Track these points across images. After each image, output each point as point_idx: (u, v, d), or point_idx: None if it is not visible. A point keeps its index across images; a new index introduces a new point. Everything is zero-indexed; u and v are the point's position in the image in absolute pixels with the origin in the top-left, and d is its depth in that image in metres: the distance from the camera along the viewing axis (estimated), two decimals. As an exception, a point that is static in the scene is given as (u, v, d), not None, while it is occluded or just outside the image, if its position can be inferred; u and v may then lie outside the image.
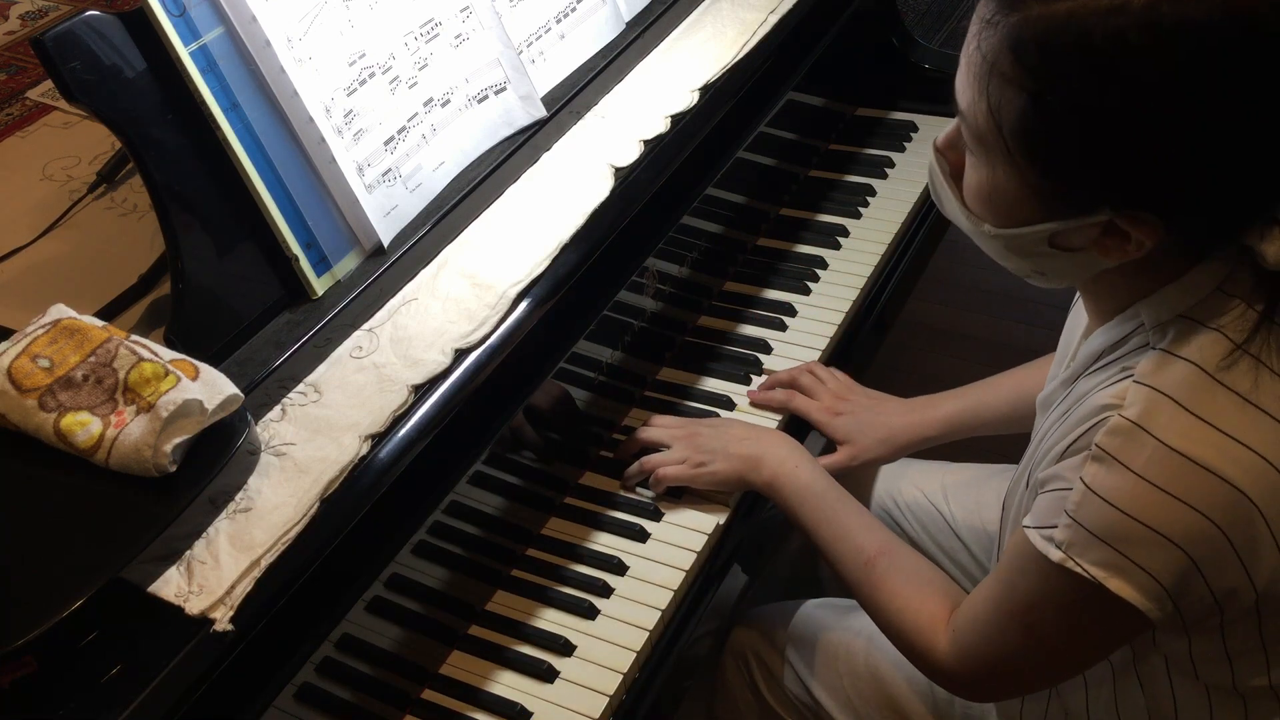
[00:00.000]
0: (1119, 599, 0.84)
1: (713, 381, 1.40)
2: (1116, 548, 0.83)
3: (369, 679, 1.08)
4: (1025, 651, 0.96)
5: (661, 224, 1.33)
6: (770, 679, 1.32)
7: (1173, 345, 0.84)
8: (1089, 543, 0.84)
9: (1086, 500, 0.84)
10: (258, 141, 1.05)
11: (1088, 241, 0.85)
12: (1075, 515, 0.85)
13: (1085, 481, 0.85)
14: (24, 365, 0.89)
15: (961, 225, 0.94)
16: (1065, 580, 0.87)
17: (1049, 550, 0.87)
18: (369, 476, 0.94)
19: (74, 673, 0.81)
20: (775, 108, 1.53)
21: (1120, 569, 0.84)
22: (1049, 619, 0.92)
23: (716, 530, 1.23)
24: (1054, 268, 0.90)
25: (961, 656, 1.02)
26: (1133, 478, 0.82)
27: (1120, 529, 0.83)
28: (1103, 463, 0.84)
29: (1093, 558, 0.84)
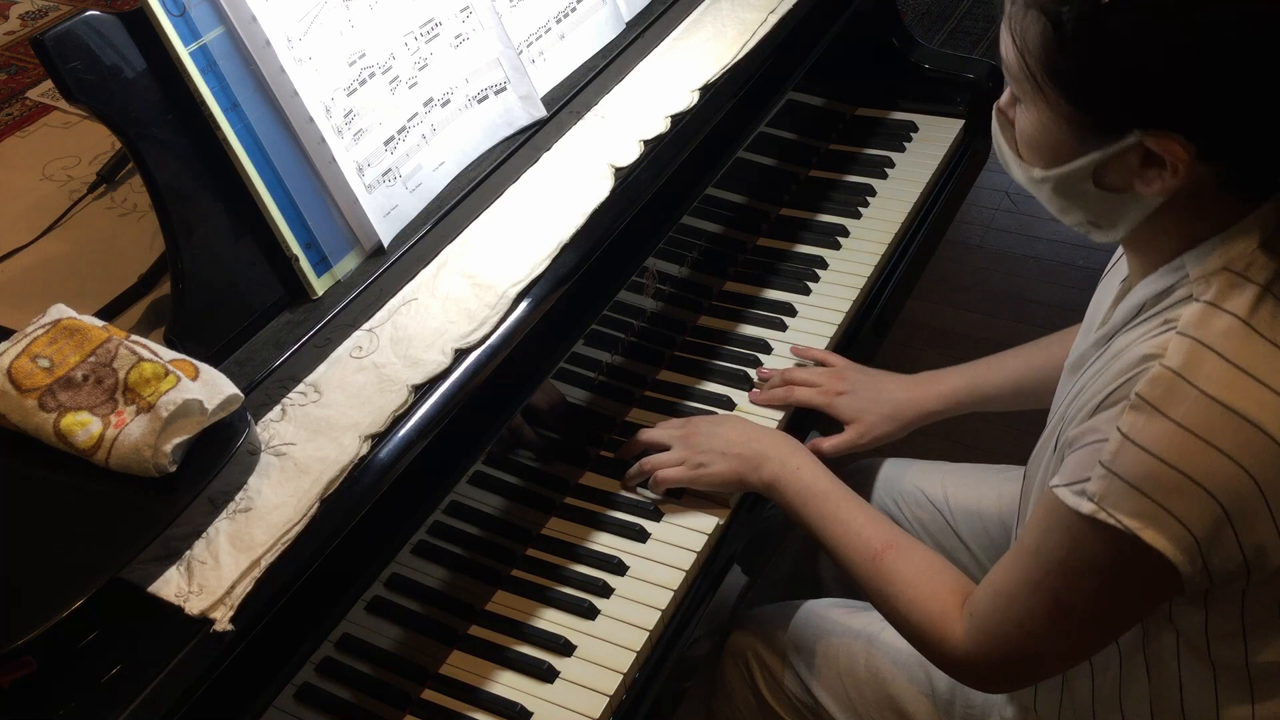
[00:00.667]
0: (1152, 552, 0.84)
1: (713, 382, 1.40)
2: (1152, 497, 0.83)
3: (369, 679, 1.08)
4: (1050, 624, 0.94)
5: (661, 224, 1.33)
6: (770, 679, 1.32)
7: (1216, 298, 0.85)
8: (1124, 493, 0.84)
9: (1124, 450, 0.84)
10: (258, 141, 1.05)
11: (1129, 176, 0.86)
12: (1111, 465, 0.84)
13: (1123, 431, 0.84)
14: (24, 365, 0.89)
15: (1020, 180, 0.95)
16: (1097, 535, 0.86)
17: (1080, 504, 0.86)
18: (369, 476, 0.94)
19: (74, 673, 0.81)
20: (775, 108, 1.53)
21: (1155, 519, 0.83)
22: (1078, 583, 0.90)
23: (716, 530, 1.23)
24: (1105, 212, 0.91)
25: (979, 641, 1.00)
26: (1172, 426, 0.82)
27: (1157, 477, 0.83)
28: (1142, 412, 0.83)
29: (1128, 508, 0.84)
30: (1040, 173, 0.91)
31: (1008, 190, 2.87)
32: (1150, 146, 0.83)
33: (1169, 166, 0.84)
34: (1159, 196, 0.86)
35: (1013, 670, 1.02)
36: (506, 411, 1.15)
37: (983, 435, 2.07)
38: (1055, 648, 0.97)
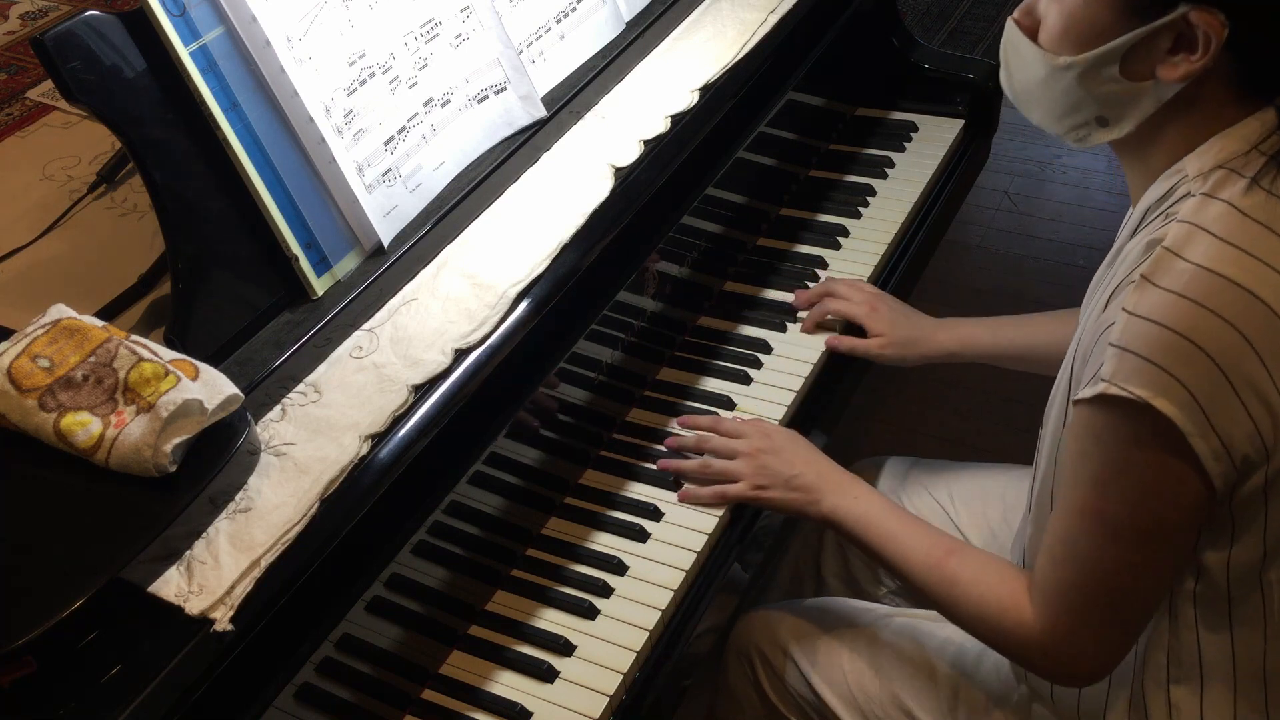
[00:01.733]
0: (1166, 424, 0.87)
1: (713, 381, 1.40)
2: (1158, 362, 0.87)
3: (369, 679, 1.08)
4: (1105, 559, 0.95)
5: (661, 224, 1.34)
6: (774, 677, 1.32)
7: (1211, 190, 0.91)
8: (1133, 365, 0.88)
9: (1128, 325, 0.89)
10: (258, 141, 1.05)
11: (1154, 62, 0.91)
12: (1119, 343, 0.89)
13: (1127, 309, 0.89)
14: (24, 365, 0.89)
15: (1032, 78, 0.99)
16: (1115, 420, 0.90)
17: (1095, 389, 0.89)
18: (369, 476, 0.94)
19: (74, 673, 0.81)
20: (775, 108, 1.53)
21: (1162, 386, 0.86)
22: (1114, 489, 0.93)
23: (716, 530, 1.23)
24: (1119, 103, 0.95)
25: (1053, 610, 1.01)
26: (1170, 295, 0.88)
27: (1160, 342, 0.87)
28: (1143, 288, 0.89)
29: (1137, 379, 0.87)
30: (1068, 59, 0.94)
31: (1008, 190, 2.87)
32: (1194, 20, 0.87)
33: (1200, 46, 0.88)
34: (1178, 83, 0.91)
35: (1089, 635, 1.00)
36: (507, 412, 1.15)
37: (986, 435, 2.07)
38: (1116, 584, 0.97)
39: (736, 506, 1.26)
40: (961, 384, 2.32)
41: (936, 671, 1.22)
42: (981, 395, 2.30)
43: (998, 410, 2.25)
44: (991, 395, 2.31)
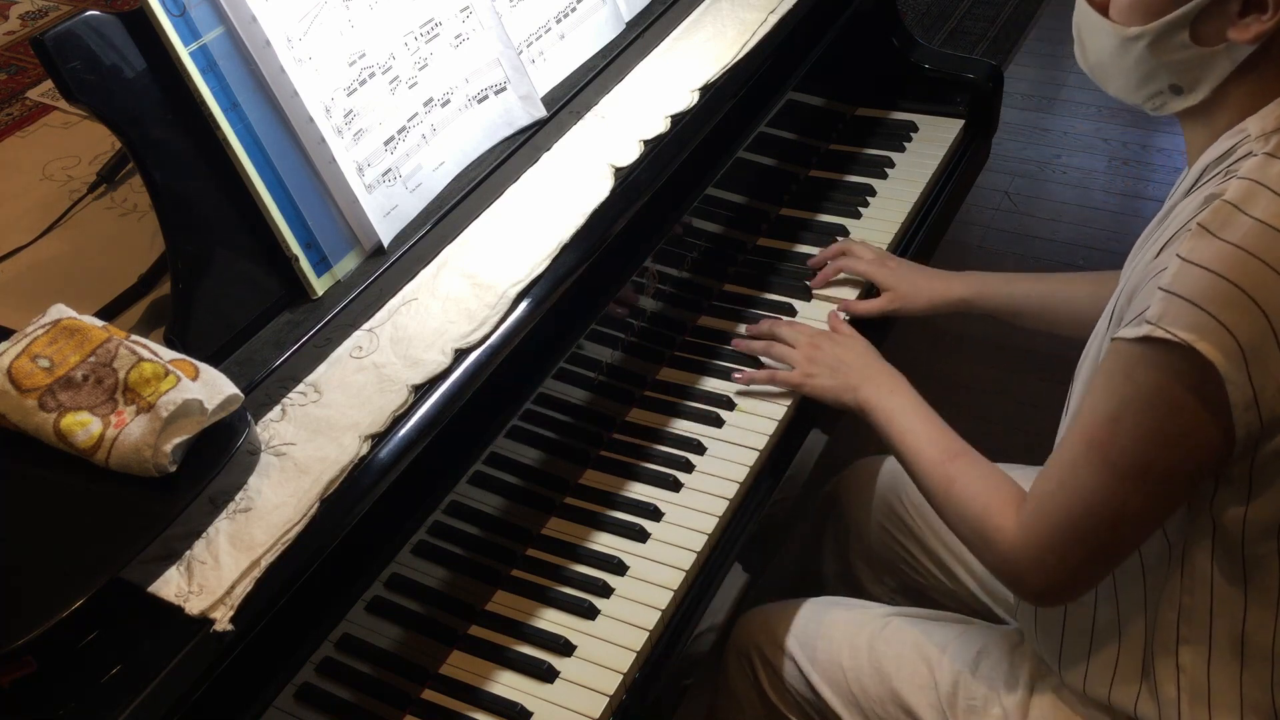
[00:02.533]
0: (1206, 366, 0.87)
1: (713, 381, 1.40)
2: (1206, 308, 0.87)
3: (369, 679, 1.08)
4: (1101, 490, 0.96)
5: (661, 224, 1.34)
6: (774, 676, 1.32)
7: (1275, 149, 0.91)
8: (1181, 309, 0.88)
9: (1182, 271, 0.89)
10: (258, 141, 1.05)
11: (1224, 25, 0.92)
12: (1169, 287, 0.89)
13: (1182, 255, 0.89)
14: (24, 365, 0.89)
15: (1105, 50, 1.01)
16: (1152, 359, 0.90)
17: (1139, 330, 0.90)
18: (369, 476, 0.94)
19: (74, 673, 0.81)
20: (775, 108, 1.53)
21: (1208, 331, 0.87)
22: (1126, 428, 0.94)
23: (716, 529, 1.23)
24: (1191, 70, 0.96)
25: (1034, 527, 1.03)
26: (1228, 246, 0.88)
27: (1212, 290, 0.87)
28: (1200, 237, 0.89)
29: (1184, 322, 0.88)
30: (1138, 29, 0.96)
31: (1008, 190, 2.87)
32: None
33: (1271, 6, 0.89)
34: (1251, 45, 0.92)
35: (1061, 560, 1.02)
36: (507, 412, 1.15)
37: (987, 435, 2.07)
38: (1101, 521, 0.98)
39: (736, 507, 1.26)
40: (964, 384, 2.32)
41: (936, 669, 1.22)
42: (983, 395, 2.31)
43: (1000, 410, 2.25)
44: (993, 395, 2.31)
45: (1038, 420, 1.11)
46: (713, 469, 1.29)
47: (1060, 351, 1.38)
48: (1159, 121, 3.13)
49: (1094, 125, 3.10)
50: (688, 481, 1.28)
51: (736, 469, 1.29)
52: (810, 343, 1.35)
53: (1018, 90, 3.21)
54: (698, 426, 1.34)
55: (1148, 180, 2.92)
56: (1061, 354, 1.34)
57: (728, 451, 1.31)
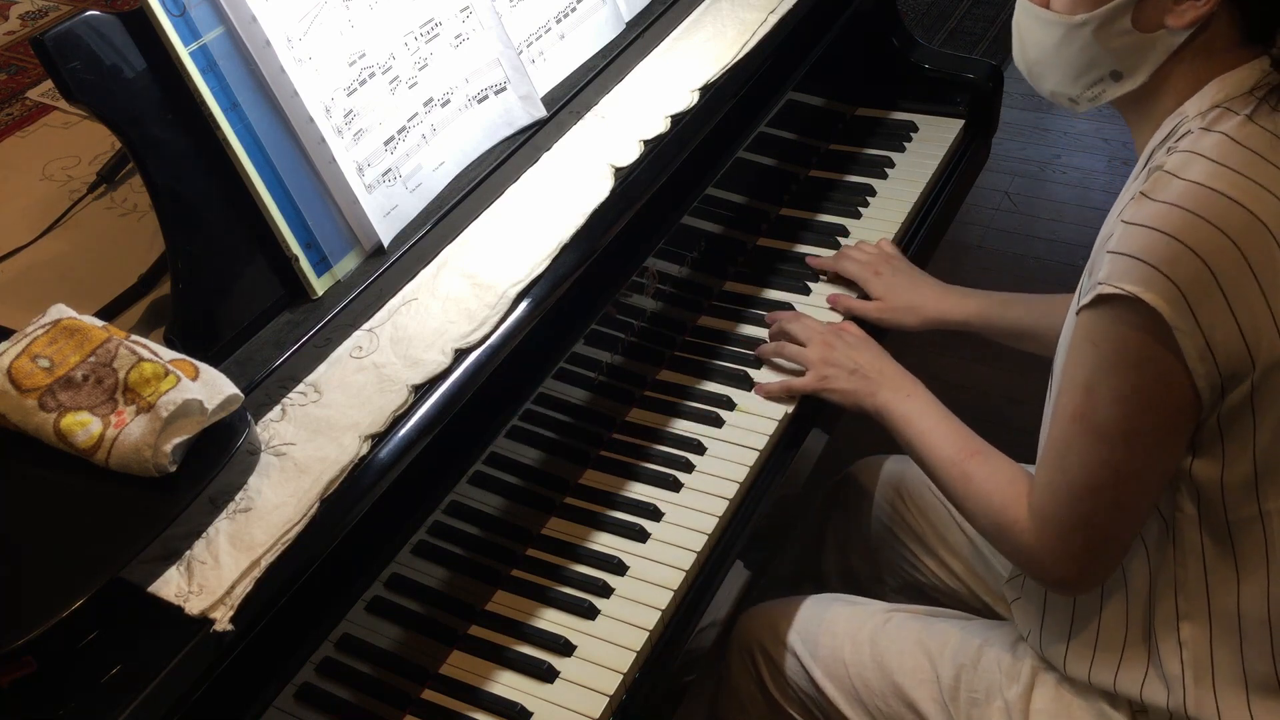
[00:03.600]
0: (1152, 314, 0.91)
1: (713, 381, 1.40)
2: (1146, 260, 0.92)
3: (369, 679, 1.08)
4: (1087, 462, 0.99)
5: (661, 224, 1.33)
6: (776, 673, 1.33)
7: (1210, 125, 0.97)
8: (1125, 265, 0.93)
9: (1124, 233, 0.94)
10: (258, 141, 1.05)
11: (1162, 12, 0.97)
12: (1114, 248, 0.94)
13: (1125, 219, 0.95)
14: (24, 365, 0.89)
15: (1047, 43, 1.05)
16: (1107, 317, 0.94)
17: (1091, 293, 0.94)
18: (369, 476, 0.94)
19: (74, 673, 0.81)
20: (775, 108, 1.53)
21: (1150, 281, 0.91)
22: (1102, 391, 0.97)
23: (717, 529, 1.23)
24: (1131, 56, 1.01)
25: (1044, 513, 1.05)
26: (1165, 205, 0.93)
27: (1152, 244, 0.92)
28: (1140, 202, 0.95)
29: (1128, 276, 0.92)
30: (1083, 16, 1.00)
31: (1008, 190, 2.87)
32: None
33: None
34: (1186, 30, 0.97)
35: (1077, 540, 1.04)
36: (507, 412, 1.15)
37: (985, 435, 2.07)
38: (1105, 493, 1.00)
39: (736, 507, 1.26)
40: (962, 384, 2.32)
41: (938, 664, 1.22)
42: (981, 395, 2.31)
43: (997, 410, 2.25)
44: (991, 395, 2.31)
45: (1037, 420, 1.11)
46: (713, 469, 1.29)
47: (1060, 351, 1.38)
48: (1159, 121, 3.13)
49: (1094, 125, 3.10)
50: (688, 481, 1.28)
51: (736, 469, 1.29)
52: (823, 342, 1.35)
53: (1018, 90, 3.20)
54: (698, 426, 1.34)
55: (1148, 180, 2.92)
56: (1061, 354, 1.34)
57: (728, 451, 1.31)
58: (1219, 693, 1.05)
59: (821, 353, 1.34)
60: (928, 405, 1.24)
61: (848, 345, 1.35)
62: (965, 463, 1.16)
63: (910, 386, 1.28)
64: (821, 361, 1.33)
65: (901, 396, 1.26)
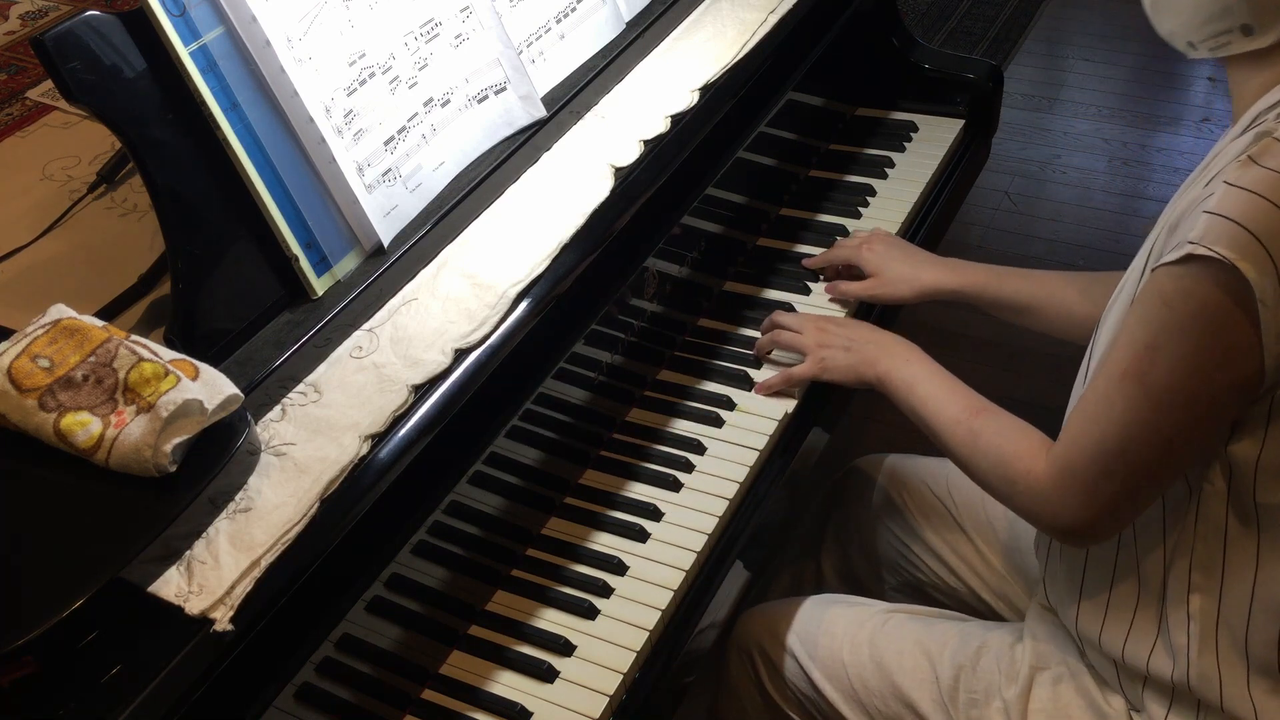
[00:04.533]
0: (1244, 285, 0.87)
1: (713, 381, 1.40)
2: (1251, 229, 0.87)
3: (369, 679, 1.08)
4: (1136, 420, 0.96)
5: (661, 224, 1.33)
6: (775, 674, 1.33)
7: None
8: (1225, 228, 0.88)
9: (1228, 194, 0.89)
10: (258, 141, 1.05)
11: None
12: (1215, 209, 0.89)
13: (1228, 181, 0.89)
14: (24, 365, 0.89)
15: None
16: (1194, 278, 0.90)
17: (1180, 251, 0.89)
18: (369, 476, 0.94)
19: (74, 673, 0.81)
20: (775, 108, 1.53)
21: (1249, 251, 0.87)
22: (1165, 353, 0.93)
23: (716, 529, 1.23)
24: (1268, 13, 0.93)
25: (1066, 462, 1.03)
26: (1275, 174, 0.87)
27: (1254, 210, 0.87)
28: (1248, 166, 0.89)
29: (1227, 240, 0.87)
30: None
31: (1007, 190, 2.87)
32: None
33: None
34: None
35: (1095, 494, 1.02)
36: (507, 412, 1.15)
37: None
38: (1136, 452, 0.97)
39: (736, 507, 1.26)
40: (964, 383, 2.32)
41: (937, 664, 1.22)
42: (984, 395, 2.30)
43: (998, 410, 2.25)
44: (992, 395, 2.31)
45: (1037, 420, 1.11)
46: (713, 469, 1.29)
47: (1061, 351, 1.38)
48: (1159, 121, 3.13)
49: (1094, 125, 3.10)
50: (688, 481, 1.28)
51: (736, 469, 1.29)
52: (817, 327, 1.35)
53: (1018, 90, 3.21)
54: (698, 426, 1.34)
55: (1148, 180, 2.92)
56: (1062, 354, 1.34)
57: (728, 451, 1.31)
58: (1222, 667, 1.04)
59: (817, 337, 1.33)
60: (929, 369, 1.24)
61: (840, 325, 1.35)
62: (972, 420, 1.14)
63: (908, 352, 1.27)
64: (818, 345, 1.33)
65: (901, 363, 1.25)
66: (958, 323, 2.51)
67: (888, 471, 1.50)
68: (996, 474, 1.11)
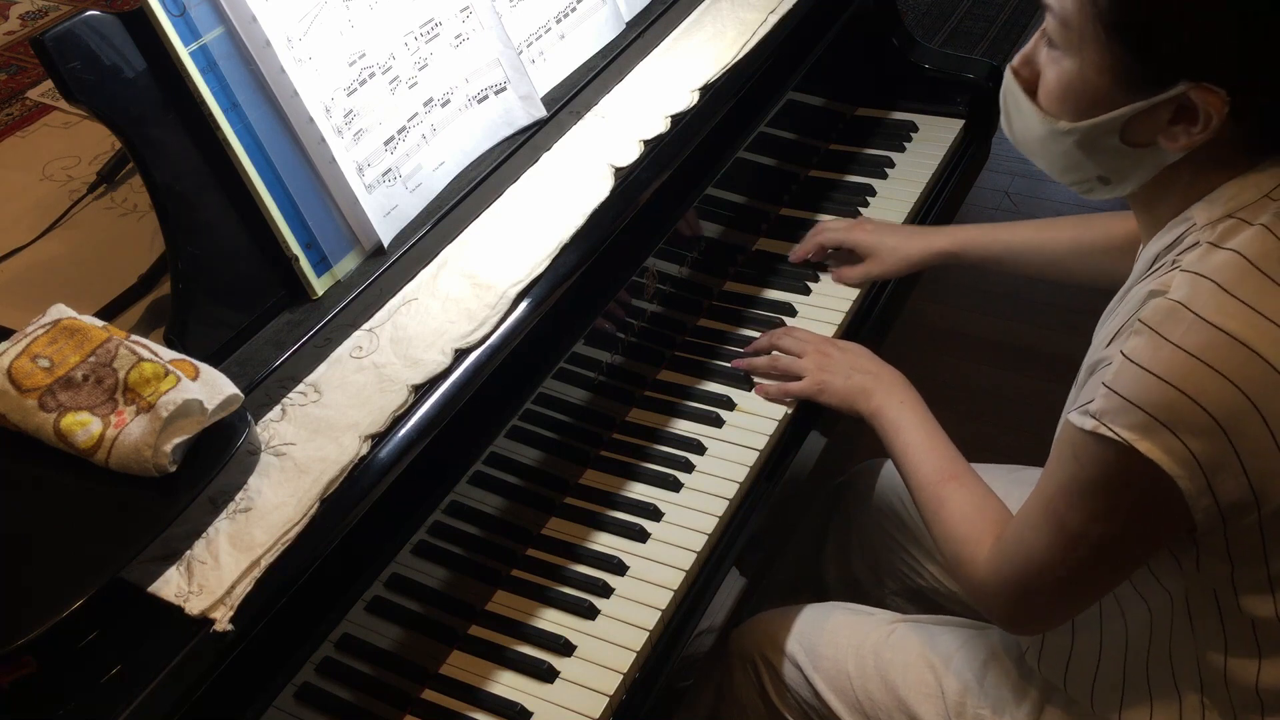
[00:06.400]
0: (1148, 464, 0.86)
1: (713, 382, 1.40)
2: (1149, 411, 0.86)
3: (369, 679, 1.08)
4: (1053, 550, 0.97)
5: (661, 224, 1.33)
6: (778, 682, 1.32)
7: (1219, 239, 0.89)
8: (1122, 408, 0.87)
9: (1124, 369, 0.88)
10: (258, 141, 1.05)
11: (1156, 131, 0.90)
12: (1112, 385, 0.88)
13: (1124, 353, 0.88)
14: (24, 365, 0.89)
15: (1032, 135, 0.98)
16: (1098, 451, 0.90)
17: (1084, 421, 0.90)
18: (369, 476, 0.94)
19: (74, 673, 0.81)
20: (775, 108, 1.53)
21: (1149, 431, 0.86)
22: (1079, 503, 0.94)
23: (716, 530, 1.23)
24: (1120, 167, 0.94)
25: (996, 567, 1.05)
26: (1170, 347, 0.86)
27: (1154, 394, 0.86)
28: (1142, 335, 0.88)
29: (1125, 421, 0.87)
30: (1068, 124, 0.93)
31: (1007, 190, 2.87)
32: (1194, 99, 0.86)
33: (1201, 121, 0.87)
34: (1180, 151, 0.90)
35: (1021, 600, 1.04)
36: (507, 412, 1.15)
37: (987, 436, 2.07)
38: (1057, 575, 0.99)
39: (736, 507, 1.26)
40: (964, 385, 2.32)
41: (943, 678, 1.22)
42: (983, 396, 2.31)
43: (999, 411, 2.25)
44: (993, 396, 2.31)
45: (1037, 420, 1.11)
46: (713, 469, 1.29)
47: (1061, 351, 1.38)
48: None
49: (1094, 125, 3.10)
50: (688, 481, 1.28)
51: (736, 469, 1.29)
52: (818, 350, 1.35)
53: (1018, 90, 3.21)
54: (698, 426, 1.34)
55: (1148, 180, 2.92)
56: (1062, 354, 1.34)
57: (728, 451, 1.31)
58: None
59: (818, 361, 1.34)
60: (919, 417, 1.24)
61: (842, 351, 1.35)
62: (942, 486, 1.15)
63: (904, 393, 1.27)
64: (818, 369, 1.33)
65: (895, 402, 1.26)
66: (958, 322, 2.51)
67: (888, 476, 1.50)
68: (948, 548, 1.14)
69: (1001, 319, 2.51)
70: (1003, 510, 1.11)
